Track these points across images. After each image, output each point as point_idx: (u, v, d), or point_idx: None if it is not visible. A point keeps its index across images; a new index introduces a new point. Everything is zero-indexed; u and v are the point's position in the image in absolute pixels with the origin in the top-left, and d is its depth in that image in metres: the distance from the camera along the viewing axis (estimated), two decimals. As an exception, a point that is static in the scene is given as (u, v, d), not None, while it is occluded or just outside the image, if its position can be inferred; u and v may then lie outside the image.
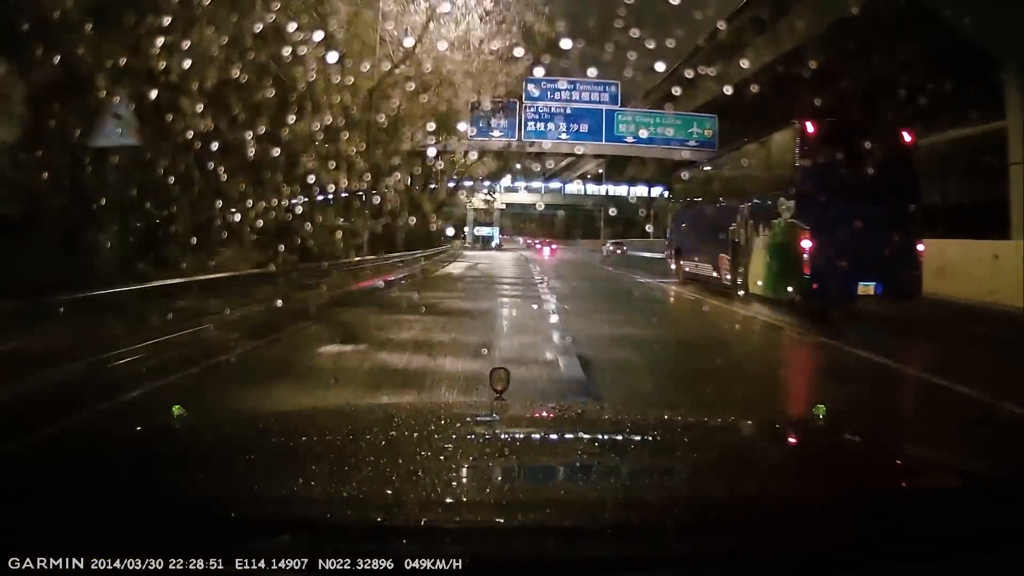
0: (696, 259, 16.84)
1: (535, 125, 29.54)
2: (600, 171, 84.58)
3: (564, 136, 29.84)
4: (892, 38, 18.30)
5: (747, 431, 2.05)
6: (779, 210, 11.46)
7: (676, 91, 32.56)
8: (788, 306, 10.91)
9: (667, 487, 1.47)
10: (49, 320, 6.55)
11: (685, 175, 20.92)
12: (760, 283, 12.07)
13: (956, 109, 17.51)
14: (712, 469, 1.57)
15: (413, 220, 29.68)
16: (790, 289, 10.86)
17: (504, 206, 75.67)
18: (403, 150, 26.26)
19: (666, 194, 29.88)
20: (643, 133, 30.88)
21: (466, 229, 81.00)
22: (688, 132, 31.30)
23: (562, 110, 29.74)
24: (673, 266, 19.57)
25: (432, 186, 42.62)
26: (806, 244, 10.52)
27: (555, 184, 79.67)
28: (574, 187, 77.30)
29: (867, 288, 10.54)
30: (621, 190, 77.81)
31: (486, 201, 51.10)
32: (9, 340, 5.85)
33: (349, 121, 18.23)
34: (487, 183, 49.20)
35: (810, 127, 11.06)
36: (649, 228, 76.96)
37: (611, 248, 53.43)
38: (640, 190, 76.71)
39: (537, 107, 29.70)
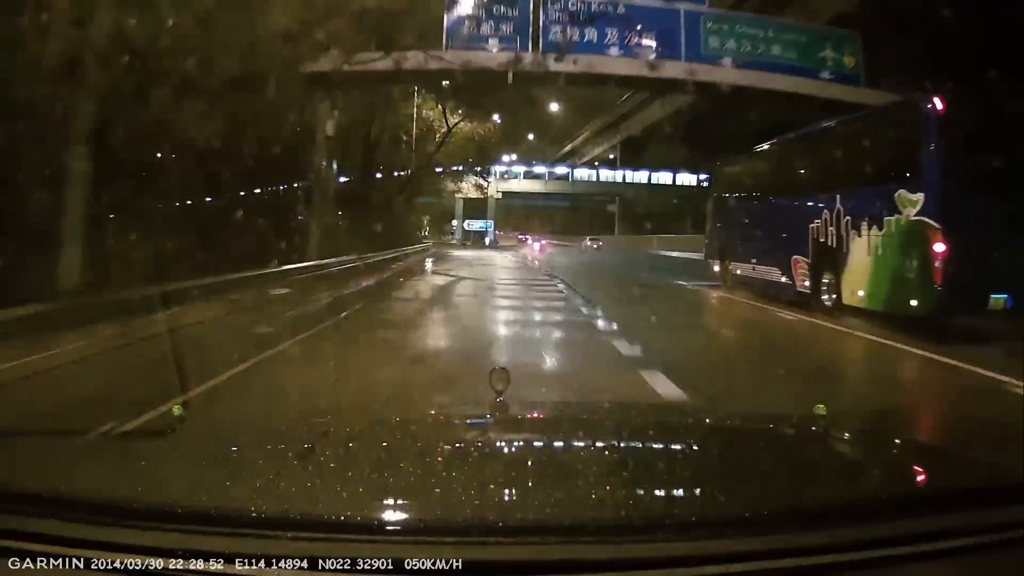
0: (753, 261, 14.30)
1: (561, 32, 18.30)
2: (611, 156, 71.48)
3: (614, 51, 18.43)
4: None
5: (747, 431, 2.01)
6: (898, 204, 9.48)
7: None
8: (900, 322, 9.02)
9: (667, 487, 1.43)
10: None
11: (732, 161, 17.86)
12: (862, 293, 10.05)
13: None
14: (712, 469, 1.56)
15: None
16: (914, 303, 9.02)
17: (500, 195, 60.67)
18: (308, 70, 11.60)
19: (703, 183, 23.17)
20: (746, 53, 19.46)
21: (454, 223, 67.05)
22: (817, 58, 19.70)
23: (609, 8, 18.44)
24: (716, 268, 16.81)
25: (404, 174, 28.04)
26: (939, 247, 8.74)
27: (561, 169, 65.05)
28: (583, 173, 62.84)
29: (998, 301, 8.72)
30: (640, 177, 67.11)
31: (478, 186, 40.98)
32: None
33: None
34: (478, 168, 38.80)
35: (939, 103, 8.99)
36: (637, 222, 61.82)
37: (589, 244, 54.33)
38: (663, 177, 66.05)
39: (565, 1, 17.89)
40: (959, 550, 1.17)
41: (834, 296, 10.98)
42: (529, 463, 1.63)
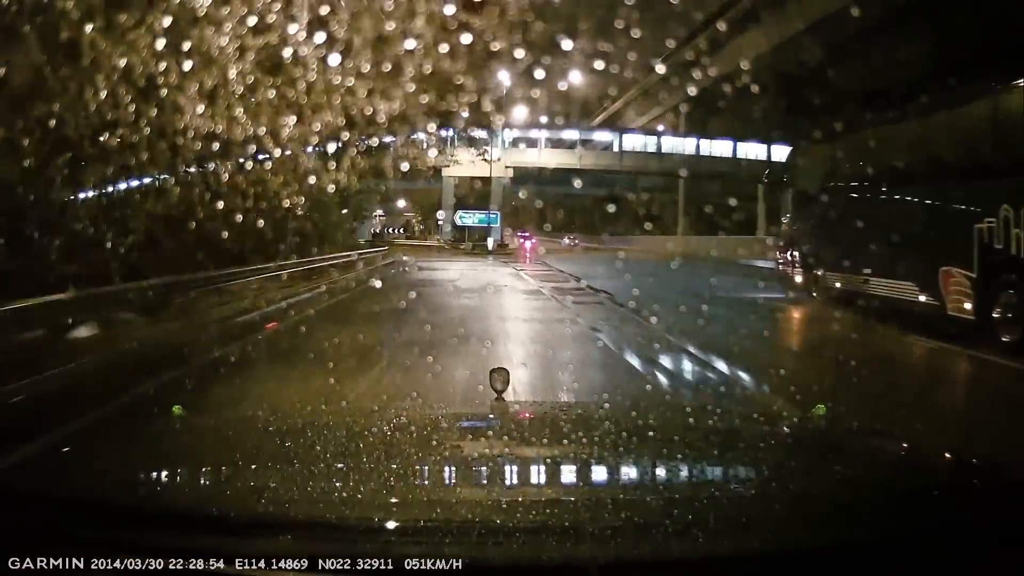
0: (865, 272, 12.30)
1: None
2: (660, 127, 52.35)
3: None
4: None
5: (748, 431, 2.24)
6: None
7: None
8: None
9: (667, 487, 1.58)
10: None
11: (832, 138, 15.20)
12: None
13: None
14: (712, 469, 1.72)
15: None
16: None
17: (510, 175, 36.98)
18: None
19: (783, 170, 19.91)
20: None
21: (440, 216, 45.26)
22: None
23: None
24: (799, 278, 14.96)
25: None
26: None
27: (602, 135, 40.93)
28: (636, 141, 38.42)
29: None
30: (721, 149, 46.29)
31: (477, 146, 28.72)
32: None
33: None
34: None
35: None
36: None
37: (567, 242, 54.46)
38: (752, 149, 45.02)
39: None
40: (959, 550, 1.27)
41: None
42: (529, 463, 1.75)
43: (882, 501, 1.39)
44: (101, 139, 10.89)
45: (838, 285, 13.07)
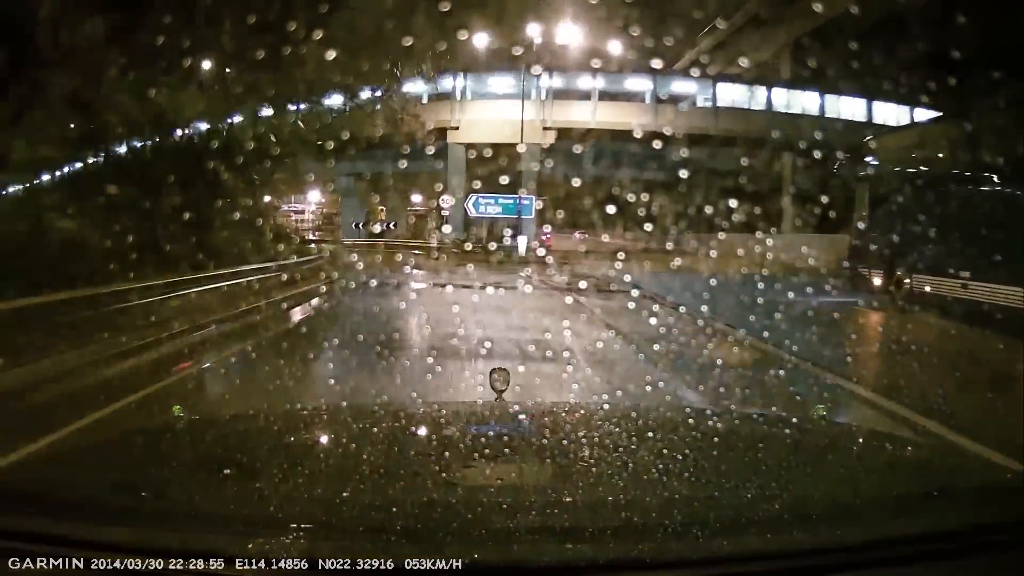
0: (964, 275, 11.63)
1: None
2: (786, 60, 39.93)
3: None
4: None
5: (747, 431, 2.38)
6: None
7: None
8: None
9: (667, 487, 1.66)
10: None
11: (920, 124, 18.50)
12: None
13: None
14: (712, 470, 1.82)
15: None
16: None
17: (551, 140, 31.07)
18: None
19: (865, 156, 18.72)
20: None
21: (446, 201, 29.71)
22: None
23: None
24: (877, 280, 14.60)
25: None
26: None
27: (684, 85, 22.53)
28: (736, 93, 19.66)
29: None
30: (850, 109, 33.29)
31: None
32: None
33: None
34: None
35: None
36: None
37: (577, 237, 45.52)
38: (890, 112, 32.29)
39: None
40: (959, 550, 1.31)
41: None
42: (529, 464, 1.84)
43: (882, 501, 1.46)
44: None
45: (927, 289, 12.83)
